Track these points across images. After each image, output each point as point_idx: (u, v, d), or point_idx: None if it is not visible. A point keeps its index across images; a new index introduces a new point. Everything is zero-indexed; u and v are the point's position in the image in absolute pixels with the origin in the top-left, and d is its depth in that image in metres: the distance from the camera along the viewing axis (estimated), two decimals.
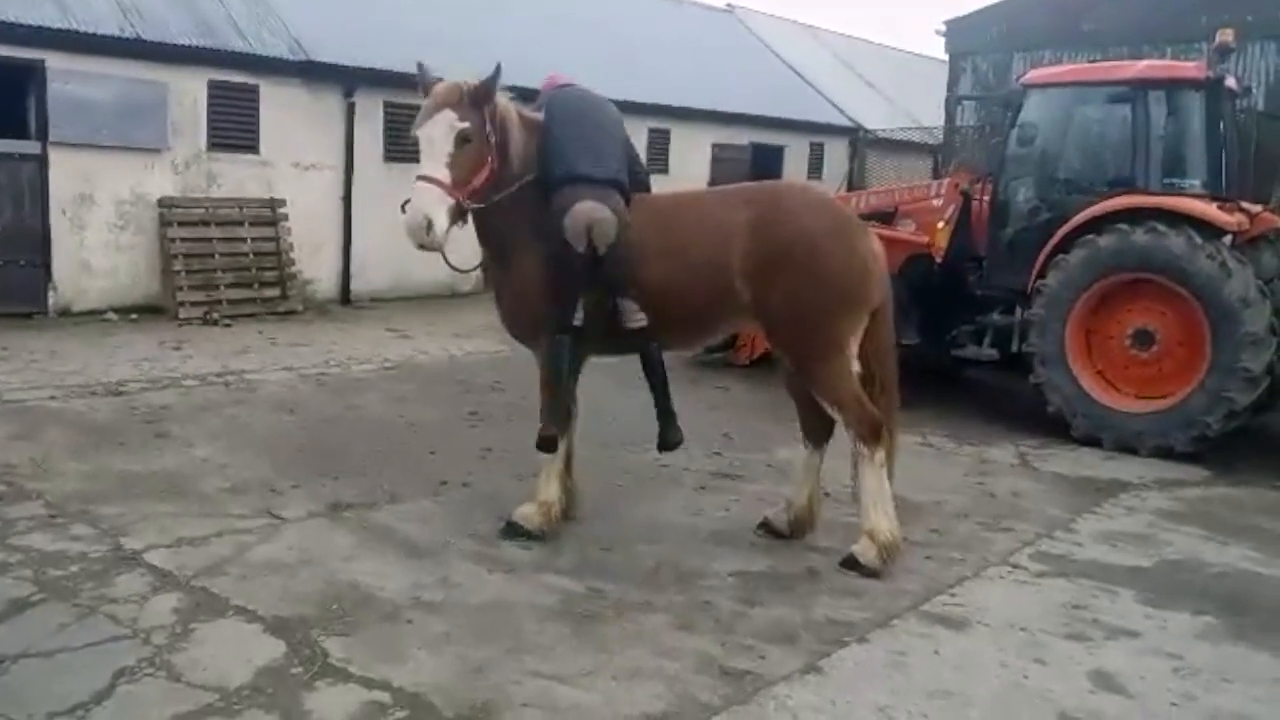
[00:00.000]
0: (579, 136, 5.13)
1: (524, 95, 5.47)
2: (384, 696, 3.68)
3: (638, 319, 5.03)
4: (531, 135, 5.19)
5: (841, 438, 5.30)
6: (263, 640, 4.07)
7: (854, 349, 5.04)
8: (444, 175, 4.79)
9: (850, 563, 5.08)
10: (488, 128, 4.91)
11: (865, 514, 5.08)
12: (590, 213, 4.91)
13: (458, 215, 4.88)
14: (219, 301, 12.11)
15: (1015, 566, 5.36)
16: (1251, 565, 5.58)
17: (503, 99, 5.09)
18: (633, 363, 5.42)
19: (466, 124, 4.83)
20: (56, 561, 4.73)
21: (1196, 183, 8.36)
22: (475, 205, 4.92)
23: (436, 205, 4.75)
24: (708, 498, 6.26)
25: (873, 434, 4.99)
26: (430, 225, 4.71)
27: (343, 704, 3.61)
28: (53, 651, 3.89)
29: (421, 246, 4.82)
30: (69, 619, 4.16)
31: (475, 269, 5.69)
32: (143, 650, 3.93)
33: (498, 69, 4.93)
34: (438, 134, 4.84)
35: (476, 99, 4.89)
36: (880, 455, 5.02)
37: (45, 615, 4.19)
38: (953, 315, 8.98)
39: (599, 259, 4.98)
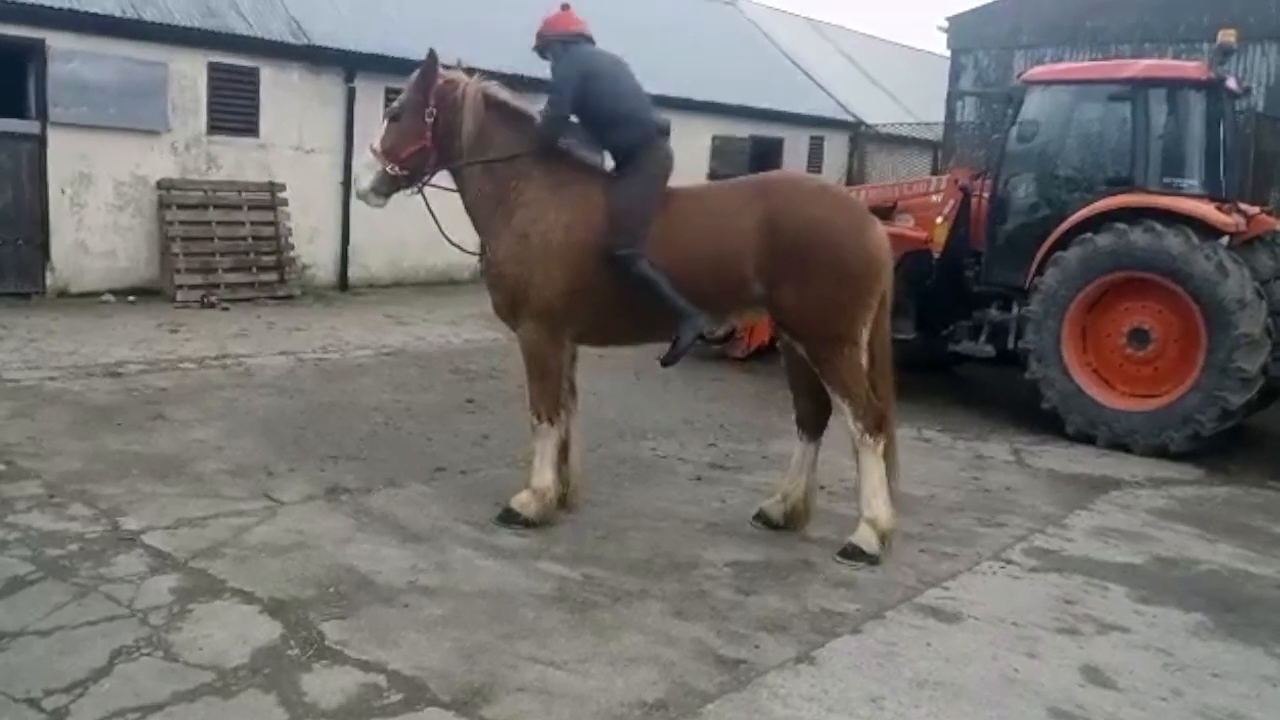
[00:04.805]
0: (634, 92, 5.47)
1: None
2: (380, 679, 3.70)
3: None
4: (508, 119, 5.44)
5: (836, 430, 5.35)
6: (260, 621, 4.09)
7: (865, 339, 5.11)
8: (377, 144, 5.47)
9: (851, 551, 5.13)
10: (428, 108, 5.34)
11: (866, 503, 5.15)
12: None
13: (389, 180, 5.45)
14: (217, 285, 12.11)
15: (1008, 561, 5.39)
16: (1242, 563, 5.62)
17: (472, 85, 5.41)
18: (628, 353, 5.45)
19: (395, 104, 5.52)
20: (55, 541, 4.74)
21: (1195, 183, 8.37)
22: (401, 172, 5.42)
23: (364, 168, 5.57)
24: (704, 488, 6.29)
25: (876, 425, 5.09)
26: (356, 180, 5.63)
27: (339, 686, 3.64)
28: (51, 630, 3.91)
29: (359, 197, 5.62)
30: (67, 598, 4.18)
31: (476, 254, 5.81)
32: (140, 630, 3.95)
33: (429, 54, 5.39)
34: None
35: (419, 82, 5.41)
36: (881, 446, 5.11)
37: (43, 594, 4.21)
38: (950, 311, 9.00)
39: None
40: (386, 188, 5.47)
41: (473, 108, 5.36)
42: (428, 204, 5.56)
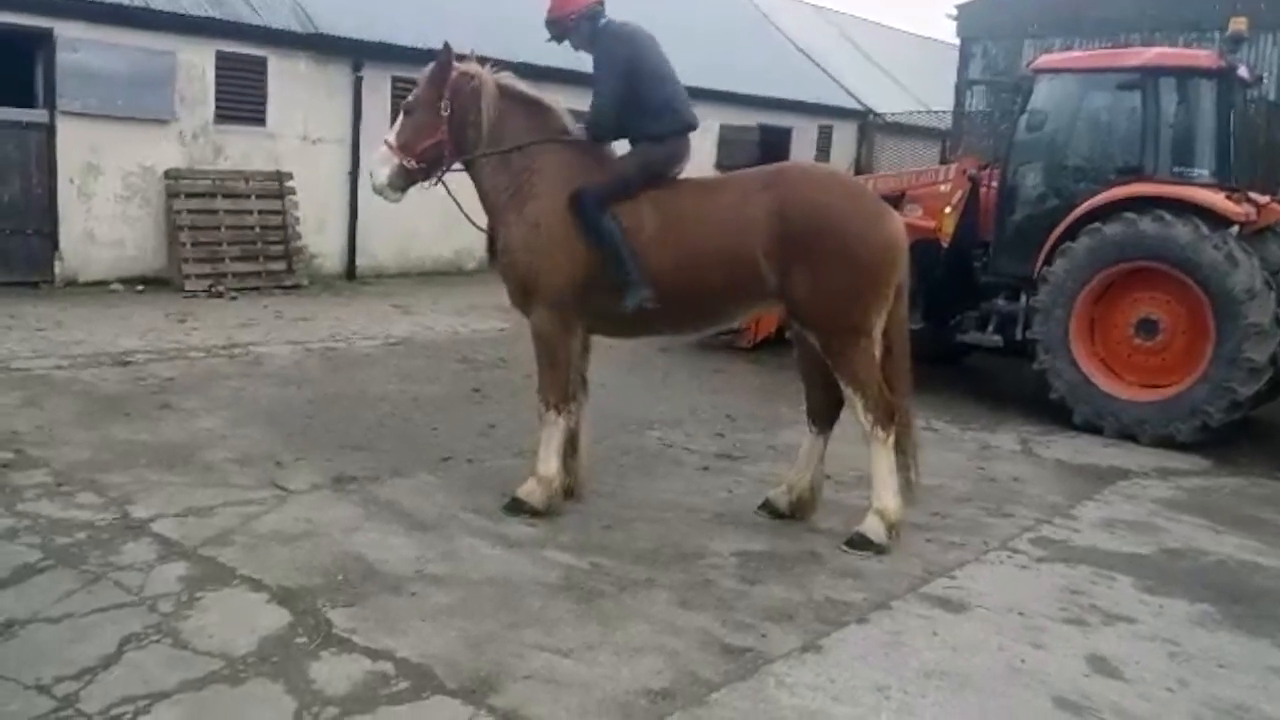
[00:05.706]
0: (671, 77, 5.54)
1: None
2: (388, 667, 3.72)
3: None
4: (522, 109, 5.44)
5: (845, 421, 5.35)
6: (268, 610, 4.11)
7: (879, 330, 5.09)
8: (392, 139, 5.47)
9: (859, 541, 5.14)
10: (443, 101, 5.33)
11: (876, 493, 5.15)
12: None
13: (405, 174, 5.46)
14: (225, 274, 12.12)
15: (1015, 551, 5.39)
16: (1249, 555, 5.61)
17: (488, 76, 5.41)
18: (635, 345, 5.45)
19: (410, 98, 5.51)
20: (64, 529, 4.77)
21: (1205, 172, 8.33)
22: (417, 166, 5.43)
23: (379, 163, 5.51)
24: (710, 478, 6.29)
25: (887, 417, 5.09)
26: (371, 176, 5.53)
27: (347, 674, 3.65)
28: (60, 617, 3.93)
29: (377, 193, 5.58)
30: (76, 585, 4.20)
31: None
32: (149, 617, 3.97)
33: (444, 47, 5.41)
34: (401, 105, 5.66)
35: (434, 75, 5.42)
36: (892, 438, 5.11)
37: (53, 581, 4.23)
38: (958, 301, 8.99)
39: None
40: (403, 181, 5.48)
41: (489, 99, 5.36)
42: (449, 192, 5.53)
